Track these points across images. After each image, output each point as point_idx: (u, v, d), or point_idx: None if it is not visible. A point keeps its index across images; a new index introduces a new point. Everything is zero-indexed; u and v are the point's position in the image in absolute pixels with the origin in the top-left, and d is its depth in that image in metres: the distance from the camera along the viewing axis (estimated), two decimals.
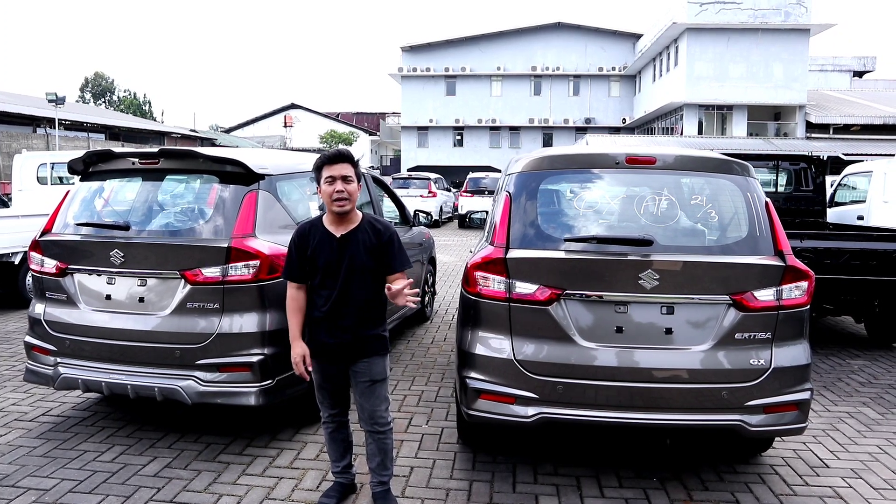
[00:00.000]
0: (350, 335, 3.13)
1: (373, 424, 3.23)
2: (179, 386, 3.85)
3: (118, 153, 4.32)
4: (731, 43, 34.20)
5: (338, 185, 3.04)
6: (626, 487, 3.63)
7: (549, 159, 3.78)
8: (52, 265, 4.21)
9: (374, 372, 3.19)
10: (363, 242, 3.12)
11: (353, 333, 3.14)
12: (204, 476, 3.71)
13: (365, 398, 3.21)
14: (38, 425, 4.46)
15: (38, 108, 29.55)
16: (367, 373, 3.18)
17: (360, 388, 3.20)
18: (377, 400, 3.22)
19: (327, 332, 3.14)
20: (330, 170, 3.07)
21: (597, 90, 47.15)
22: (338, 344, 3.14)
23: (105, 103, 69.53)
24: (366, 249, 3.11)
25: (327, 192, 3.07)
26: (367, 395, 3.20)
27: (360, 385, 3.20)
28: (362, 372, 3.18)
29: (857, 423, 4.66)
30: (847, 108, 35.43)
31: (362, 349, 3.17)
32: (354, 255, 3.10)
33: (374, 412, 3.22)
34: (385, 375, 3.23)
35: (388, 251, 3.14)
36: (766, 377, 3.34)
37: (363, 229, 3.15)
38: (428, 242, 7.71)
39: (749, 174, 3.68)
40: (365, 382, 3.19)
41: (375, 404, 3.22)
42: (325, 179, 3.07)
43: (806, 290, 3.42)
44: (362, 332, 3.15)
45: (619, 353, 3.36)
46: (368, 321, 3.16)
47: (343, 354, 3.17)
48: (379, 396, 3.22)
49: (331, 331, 3.14)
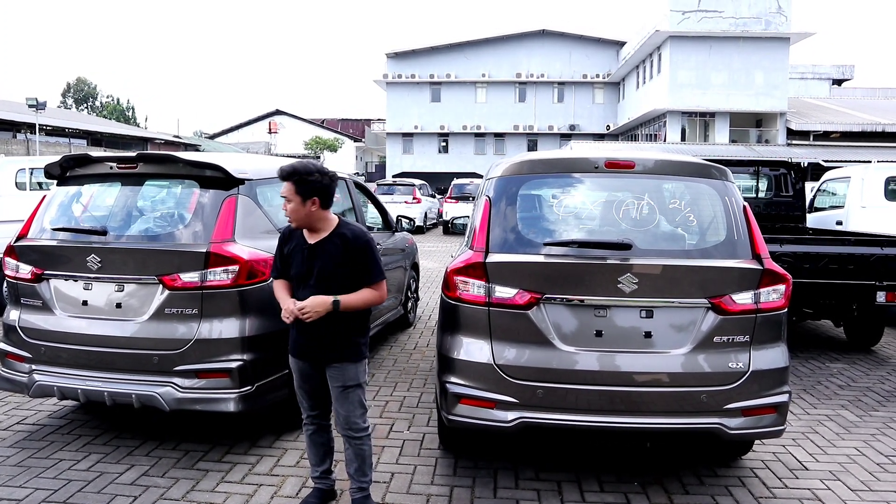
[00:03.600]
0: (319, 338, 3.13)
1: (347, 430, 3.22)
2: (157, 392, 3.80)
3: (96, 158, 4.27)
4: (713, 51, 34.63)
5: (285, 203, 3.10)
6: (607, 492, 3.63)
7: (528, 164, 3.79)
8: (27, 271, 4.15)
9: (346, 377, 3.17)
10: (330, 252, 3.11)
11: (324, 337, 3.13)
12: (182, 484, 3.66)
13: (339, 402, 3.20)
14: (12, 434, 4.38)
15: (18, 113, 29.21)
16: (339, 377, 3.17)
17: (335, 392, 3.20)
18: (351, 405, 3.20)
19: (300, 332, 3.16)
20: (283, 187, 3.10)
21: (581, 97, 47.51)
22: (308, 344, 3.16)
23: (87, 109, 68.93)
24: (333, 259, 3.09)
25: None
26: (340, 399, 3.19)
27: (334, 389, 3.19)
28: (334, 376, 3.18)
29: (836, 426, 4.70)
30: (826, 116, 35.98)
31: (333, 353, 3.16)
32: (324, 265, 3.10)
33: (349, 417, 3.20)
34: (358, 382, 3.20)
35: (360, 261, 3.12)
36: (745, 380, 3.36)
37: (333, 239, 3.13)
38: (411, 248, 7.70)
39: (727, 178, 3.71)
40: (338, 387, 3.18)
41: (349, 409, 3.20)
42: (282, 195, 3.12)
43: (783, 293, 3.44)
44: (333, 336, 3.13)
45: (599, 357, 3.37)
46: (340, 327, 3.14)
47: (314, 355, 3.17)
48: (352, 402, 3.20)
49: (303, 331, 3.15)
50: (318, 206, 3.09)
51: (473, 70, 47.52)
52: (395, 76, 48.38)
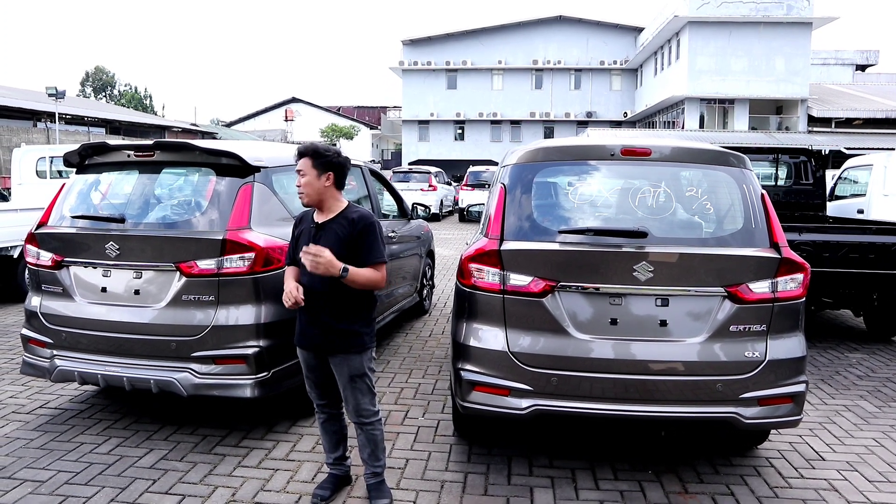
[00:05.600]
0: (322, 328, 3.14)
1: (358, 416, 3.25)
2: (175, 378, 3.85)
3: (113, 146, 4.31)
4: (732, 36, 34.10)
5: (298, 178, 3.15)
6: (621, 480, 3.63)
7: (543, 151, 3.77)
8: (47, 258, 4.21)
9: (350, 368, 3.18)
10: (336, 232, 3.13)
11: (326, 327, 3.14)
12: (200, 468, 3.71)
13: (347, 391, 3.23)
14: (36, 417, 4.47)
15: (38, 102, 29.52)
16: (343, 368, 3.18)
17: (341, 382, 3.22)
18: (359, 393, 3.22)
19: (305, 321, 3.20)
20: (298, 164, 3.16)
21: (598, 84, 47.05)
22: (312, 333, 3.18)
23: (106, 97, 69.49)
24: (338, 239, 3.10)
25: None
26: (348, 388, 3.22)
27: (341, 379, 3.22)
28: (339, 367, 3.19)
29: (854, 416, 4.66)
30: (849, 102, 35.34)
31: (336, 344, 3.16)
32: (329, 244, 3.06)
33: (358, 405, 3.23)
34: (363, 371, 3.20)
35: (361, 242, 3.12)
36: (761, 369, 3.34)
37: (340, 220, 3.15)
38: (426, 236, 7.70)
39: (745, 166, 3.66)
40: (342, 377, 3.20)
41: (358, 397, 3.22)
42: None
43: (801, 282, 3.41)
44: (336, 326, 3.13)
45: (614, 346, 3.36)
46: (343, 315, 3.14)
47: (318, 344, 3.19)
48: (360, 390, 3.22)
49: (307, 320, 3.19)
50: (331, 182, 3.14)
51: (489, 57, 47.20)
52: (411, 63, 48.20)
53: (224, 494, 3.42)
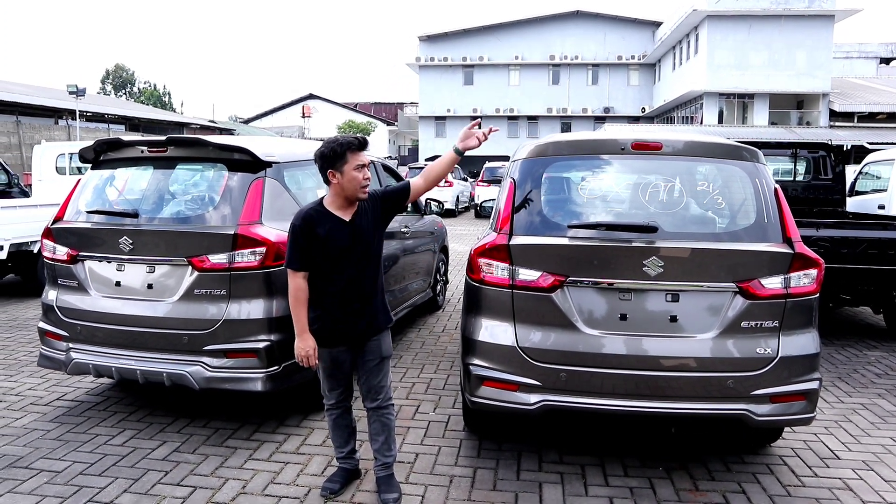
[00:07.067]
0: (364, 316, 3.20)
1: (380, 399, 3.29)
2: (187, 371, 3.89)
3: (127, 142, 4.35)
4: (752, 30, 33.65)
5: (365, 172, 3.10)
6: (630, 476, 3.61)
7: (553, 145, 3.74)
8: (63, 252, 4.27)
9: (383, 347, 3.28)
10: (368, 214, 3.20)
11: (366, 313, 3.20)
12: (211, 460, 3.75)
13: (373, 375, 3.27)
14: (53, 409, 4.54)
15: (59, 100, 29.91)
16: (377, 350, 3.26)
17: (369, 367, 3.26)
18: (384, 376, 3.31)
19: (342, 317, 3.16)
20: (359, 157, 3.09)
21: (616, 79, 46.70)
22: (353, 327, 3.18)
23: (125, 95, 70.24)
24: (369, 225, 3.18)
25: (356, 178, 3.07)
26: (375, 372, 3.27)
27: (369, 363, 3.25)
28: (373, 350, 3.25)
29: (871, 415, 4.59)
30: (872, 96, 34.74)
31: (374, 327, 3.23)
32: (367, 237, 3.16)
33: (382, 387, 3.30)
34: (391, 350, 3.34)
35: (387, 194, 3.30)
36: (773, 366, 3.30)
37: (363, 205, 3.20)
38: (440, 231, 7.70)
39: (758, 160, 3.61)
40: (374, 360, 3.26)
41: (383, 380, 3.30)
42: (356, 167, 3.07)
43: (815, 278, 3.36)
44: (372, 310, 3.22)
45: (624, 341, 3.33)
46: (376, 298, 3.24)
47: (357, 336, 3.21)
48: (386, 372, 3.33)
49: (345, 315, 3.16)
50: None
51: (506, 52, 47.02)
52: (428, 59, 48.16)
53: (235, 486, 3.45)
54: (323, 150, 3.09)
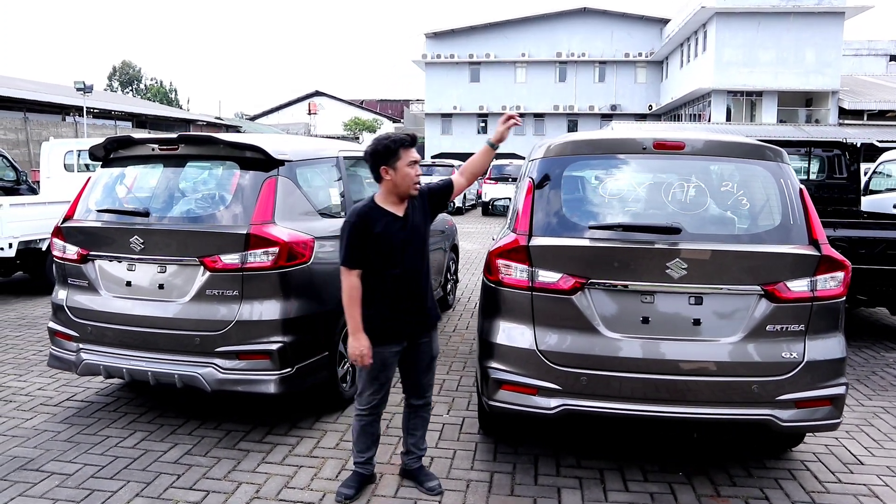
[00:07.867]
0: (416, 313, 3.22)
1: (427, 397, 3.39)
2: (199, 373, 3.84)
3: (138, 139, 4.30)
4: (761, 27, 33.44)
5: (417, 168, 3.13)
6: (651, 482, 3.54)
7: (572, 144, 3.67)
8: (73, 251, 4.22)
9: (434, 347, 3.34)
10: (419, 210, 3.24)
11: (418, 311, 3.23)
12: (224, 463, 3.70)
13: (423, 373, 3.33)
14: (63, 410, 4.49)
15: (66, 96, 29.97)
16: (428, 349, 3.30)
17: (420, 366, 3.31)
18: (432, 373, 3.40)
19: (394, 315, 3.17)
20: (411, 154, 3.12)
21: (623, 76, 46.48)
22: (405, 324, 3.19)
23: (132, 91, 70.33)
24: (421, 220, 3.24)
25: (409, 174, 3.11)
26: (425, 370, 3.33)
27: (421, 362, 3.30)
28: (424, 349, 3.28)
29: (893, 419, 4.51)
30: (882, 94, 34.50)
31: (428, 323, 3.28)
32: (421, 232, 3.24)
33: (430, 385, 3.41)
34: (440, 349, 3.44)
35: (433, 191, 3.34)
36: (799, 371, 3.22)
37: (412, 204, 3.22)
38: (450, 230, 7.64)
39: (782, 160, 3.54)
40: (425, 360, 3.30)
41: (431, 379, 3.40)
42: (408, 163, 3.10)
43: (842, 280, 3.28)
44: (425, 308, 3.25)
45: (645, 345, 3.26)
46: (427, 295, 3.26)
47: (409, 334, 3.22)
48: (434, 370, 3.42)
49: (397, 313, 3.17)
50: None
51: (513, 50, 46.85)
52: (434, 56, 48.04)
53: (248, 491, 3.40)
54: (376, 147, 3.12)
